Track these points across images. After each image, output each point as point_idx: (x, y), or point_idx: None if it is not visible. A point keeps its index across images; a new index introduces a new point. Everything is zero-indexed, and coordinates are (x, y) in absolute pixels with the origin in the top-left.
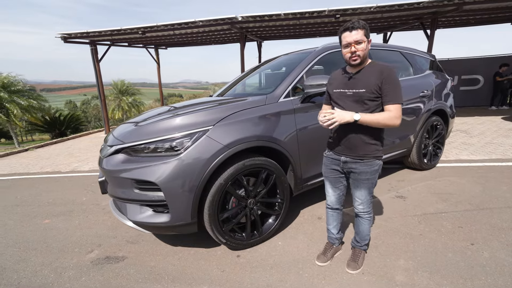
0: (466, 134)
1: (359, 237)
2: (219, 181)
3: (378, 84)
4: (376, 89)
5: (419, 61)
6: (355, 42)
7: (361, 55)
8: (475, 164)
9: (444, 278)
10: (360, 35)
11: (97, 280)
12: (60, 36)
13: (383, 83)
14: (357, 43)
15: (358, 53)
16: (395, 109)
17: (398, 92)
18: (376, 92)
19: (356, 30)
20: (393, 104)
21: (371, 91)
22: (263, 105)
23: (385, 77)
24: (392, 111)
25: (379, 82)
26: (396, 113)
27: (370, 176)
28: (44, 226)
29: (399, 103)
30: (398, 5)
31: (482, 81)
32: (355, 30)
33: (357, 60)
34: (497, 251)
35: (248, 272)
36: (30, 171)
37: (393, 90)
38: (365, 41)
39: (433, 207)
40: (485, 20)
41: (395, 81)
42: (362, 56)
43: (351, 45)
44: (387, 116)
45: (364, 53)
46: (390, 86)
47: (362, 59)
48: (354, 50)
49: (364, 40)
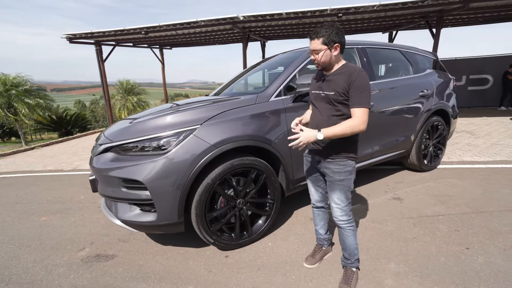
0: (472, 135)
1: (347, 253)
2: (207, 180)
3: (346, 87)
4: (343, 92)
5: (420, 60)
6: (313, 51)
7: (320, 63)
8: (479, 166)
9: (435, 283)
10: (316, 44)
11: (85, 278)
12: (65, 36)
13: (350, 86)
14: (315, 52)
15: (317, 60)
16: (360, 113)
17: (365, 96)
18: (344, 95)
19: (313, 40)
20: (358, 107)
21: (339, 93)
22: (253, 104)
23: (352, 80)
24: (356, 117)
25: (347, 85)
26: (361, 118)
27: (344, 177)
28: (41, 223)
29: (365, 107)
30: (402, 3)
31: (492, 81)
32: (312, 40)
33: (318, 67)
34: (492, 256)
35: (234, 273)
36: (33, 169)
37: (359, 94)
38: (323, 49)
39: (430, 209)
40: (494, 18)
41: (363, 85)
42: (322, 63)
43: (312, 53)
44: (351, 124)
45: (325, 60)
46: (357, 90)
47: (322, 65)
48: (313, 58)
49: (322, 49)
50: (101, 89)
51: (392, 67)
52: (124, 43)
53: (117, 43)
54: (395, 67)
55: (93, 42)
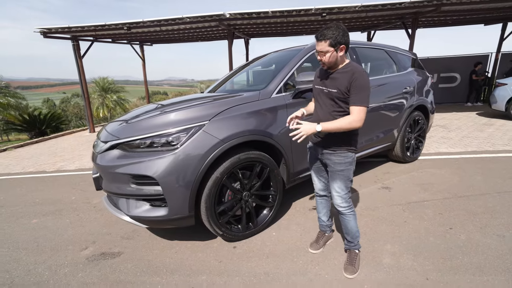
0: (445, 129)
1: (350, 237)
2: (215, 174)
3: (347, 86)
4: (345, 91)
5: (402, 59)
6: (319, 52)
7: (326, 63)
8: (453, 156)
9: (427, 259)
10: (323, 46)
11: (94, 276)
12: (39, 30)
13: (351, 85)
14: (322, 53)
15: (323, 61)
16: (358, 111)
17: (364, 96)
18: (345, 94)
19: (320, 42)
20: (356, 106)
21: (341, 92)
22: (256, 101)
23: (353, 80)
24: (354, 113)
25: (348, 84)
26: (358, 116)
27: (344, 168)
28: (33, 225)
29: (363, 106)
30: (382, 4)
31: (459, 79)
32: (319, 41)
33: (324, 66)
34: (472, 234)
35: (245, 262)
36: (11, 171)
37: (359, 93)
38: (330, 51)
39: (416, 196)
40: (461, 21)
41: (363, 85)
42: (328, 64)
43: (319, 53)
44: (348, 120)
45: (330, 60)
46: (357, 89)
47: (328, 65)
48: (320, 58)
49: (329, 50)
50: (73, 87)
51: (378, 65)
52: (103, 38)
53: (96, 39)
54: (381, 66)
55: (70, 37)
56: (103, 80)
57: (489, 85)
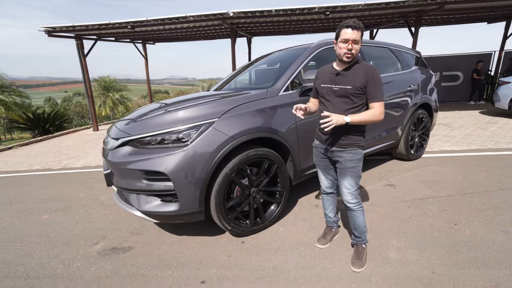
0: (448, 127)
1: (358, 232)
2: (225, 170)
3: (364, 83)
4: (361, 87)
5: (406, 57)
6: (353, 41)
7: (354, 54)
8: (457, 154)
9: (432, 254)
10: (358, 35)
11: (107, 269)
12: (44, 29)
13: (368, 83)
14: (355, 43)
15: (353, 51)
16: (379, 106)
17: (381, 91)
18: (360, 89)
19: (357, 30)
20: (377, 101)
21: (356, 88)
22: (264, 98)
23: (370, 77)
24: (376, 108)
25: (364, 81)
26: (380, 110)
27: (355, 164)
28: (43, 221)
29: (382, 100)
30: (385, 3)
31: (462, 78)
32: (356, 30)
33: (350, 58)
34: (476, 229)
35: (253, 256)
36: (18, 169)
37: (377, 89)
38: (360, 42)
39: (420, 193)
40: (464, 19)
41: (379, 81)
42: (355, 55)
43: (349, 43)
44: (372, 113)
45: (357, 52)
46: (374, 86)
47: (354, 57)
48: (351, 48)
49: (360, 42)
50: (74, 85)
51: (383, 63)
52: (107, 37)
53: (99, 38)
54: (385, 64)
55: (74, 36)
56: (104, 79)
57: (492, 84)
